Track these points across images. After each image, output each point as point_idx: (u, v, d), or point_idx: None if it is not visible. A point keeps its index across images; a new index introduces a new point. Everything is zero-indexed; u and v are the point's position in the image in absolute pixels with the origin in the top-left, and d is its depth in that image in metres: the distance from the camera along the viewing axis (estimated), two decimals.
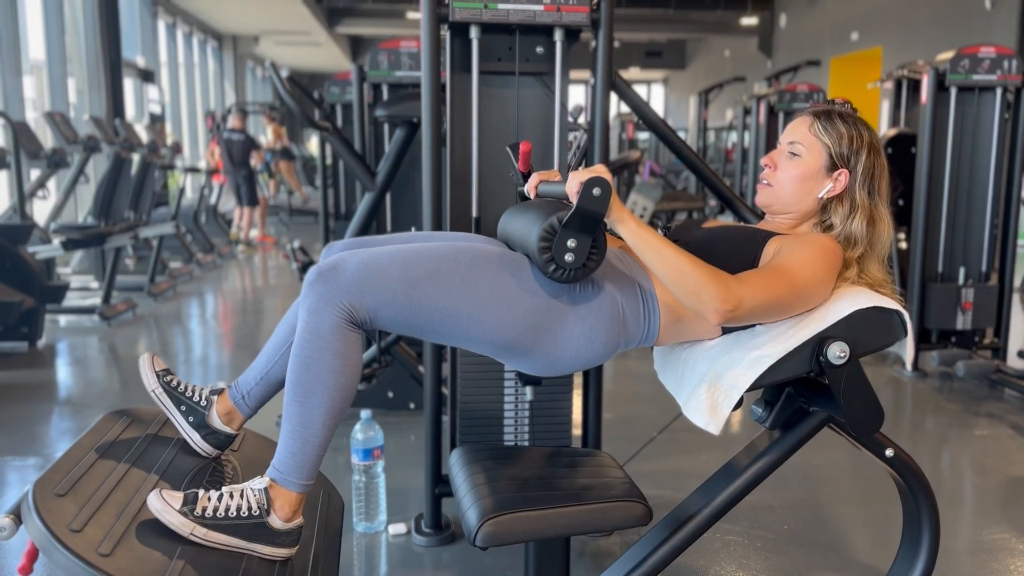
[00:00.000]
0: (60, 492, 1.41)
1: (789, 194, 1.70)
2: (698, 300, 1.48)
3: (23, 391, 4.07)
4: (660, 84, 25.35)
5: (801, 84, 6.24)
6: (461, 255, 1.56)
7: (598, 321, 1.58)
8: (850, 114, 1.70)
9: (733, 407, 1.60)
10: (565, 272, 1.51)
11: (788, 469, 3.06)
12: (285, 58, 20.03)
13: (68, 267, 7.47)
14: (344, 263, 1.50)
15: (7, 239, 4.78)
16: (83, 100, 9.55)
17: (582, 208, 1.45)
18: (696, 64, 22.25)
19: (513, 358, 1.59)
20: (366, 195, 3.31)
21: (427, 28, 2.30)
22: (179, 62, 14.22)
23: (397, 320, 1.51)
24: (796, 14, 15.95)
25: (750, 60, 17.59)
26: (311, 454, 1.51)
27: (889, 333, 1.58)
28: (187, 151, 14.10)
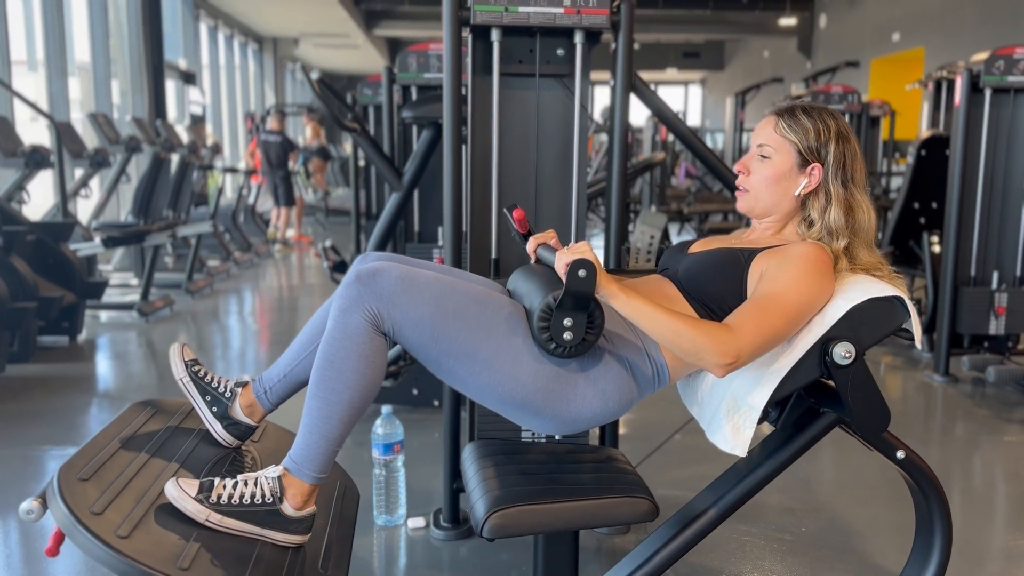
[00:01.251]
0: (84, 477, 1.47)
1: (766, 197, 1.71)
2: (699, 359, 1.51)
3: (63, 383, 4.19)
4: (698, 85, 25.19)
5: (835, 85, 6.18)
6: (490, 304, 1.59)
7: (609, 383, 1.61)
8: (814, 107, 1.71)
9: (760, 421, 1.63)
10: (566, 350, 1.55)
11: (811, 472, 3.07)
12: (324, 60, 20.27)
13: (110, 264, 7.66)
14: (385, 272, 1.53)
15: (49, 236, 4.93)
16: (126, 101, 9.78)
17: (570, 291, 1.49)
18: (735, 65, 22.07)
19: (522, 415, 1.61)
20: (393, 195, 3.37)
21: (449, 31, 2.34)
22: (220, 64, 14.47)
23: (416, 343, 1.55)
24: (836, 14, 15.74)
25: (789, 61, 17.40)
26: (327, 449, 1.55)
27: (891, 319, 1.58)
28: (227, 152, 14.35)
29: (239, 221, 9.22)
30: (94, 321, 5.78)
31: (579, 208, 2.48)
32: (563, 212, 2.49)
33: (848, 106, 6.02)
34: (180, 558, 1.36)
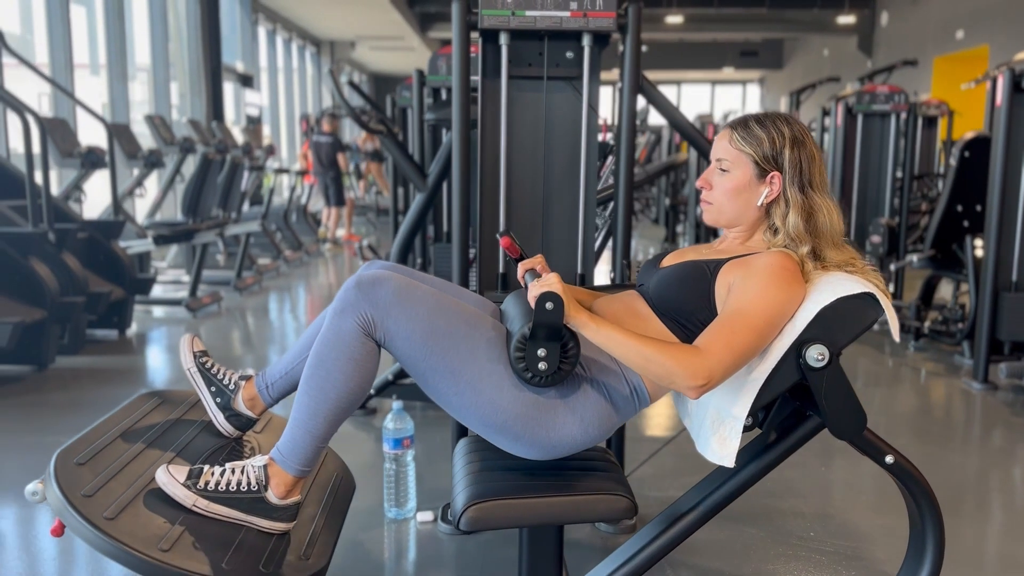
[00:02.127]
0: (80, 461, 1.56)
1: (730, 209, 1.72)
2: (670, 382, 1.53)
3: (109, 375, 4.37)
4: (756, 84, 24.82)
5: (880, 85, 6.05)
6: (478, 325, 1.63)
7: (588, 410, 1.64)
8: (767, 115, 1.71)
9: (750, 427, 1.64)
10: (542, 379, 1.58)
11: (826, 476, 3.03)
12: (380, 62, 20.55)
13: (164, 261, 7.92)
14: (385, 281, 1.59)
15: (100, 234, 5.13)
16: (185, 103, 10.09)
17: (539, 322, 1.52)
18: (793, 64, 21.68)
19: (501, 439, 1.65)
20: (417, 195, 3.43)
21: (457, 35, 2.39)
22: (279, 67, 14.80)
23: (405, 354, 1.60)
24: (898, 12, 15.36)
25: (849, 59, 17.04)
26: (312, 445, 1.61)
27: (864, 316, 1.57)
28: (284, 153, 14.68)
29: (291, 220, 9.44)
30: (146, 316, 6.00)
31: (587, 209, 2.50)
32: (572, 214, 2.52)
33: (894, 106, 5.88)
34: (163, 540, 1.43)
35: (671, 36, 19.51)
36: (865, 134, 6.04)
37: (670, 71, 22.71)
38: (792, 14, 16.70)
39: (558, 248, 2.54)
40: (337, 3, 13.44)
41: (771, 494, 2.85)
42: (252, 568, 1.48)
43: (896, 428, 3.70)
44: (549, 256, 2.53)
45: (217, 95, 10.47)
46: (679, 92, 24.34)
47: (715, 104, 23.91)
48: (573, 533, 2.55)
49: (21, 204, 4.52)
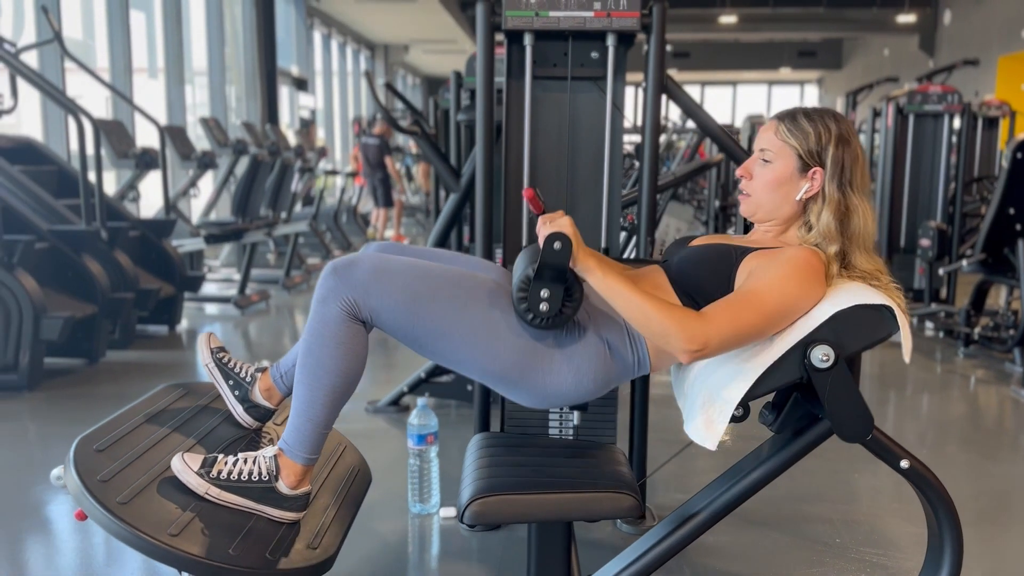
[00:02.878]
0: (100, 448, 1.62)
1: (768, 201, 1.70)
2: (665, 342, 1.53)
3: (157, 369, 4.51)
4: (814, 85, 24.37)
5: (934, 85, 5.89)
6: (464, 283, 1.65)
7: (585, 361, 1.64)
8: (815, 110, 1.68)
9: (736, 419, 1.62)
10: (542, 320, 1.59)
11: (858, 482, 2.97)
12: (433, 65, 20.73)
13: (217, 260, 8.13)
14: (359, 263, 1.62)
15: (152, 232, 5.29)
16: (241, 106, 10.33)
17: (545, 262, 1.53)
18: (853, 64, 21.24)
19: (501, 387, 1.67)
20: (451, 196, 3.47)
21: (482, 36, 2.42)
22: (333, 70, 15.05)
23: (395, 326, 1.63)
24: (962, 10, 14.93)
25: (910, 59, 16.62)
26: (314, 432, 1.65)
27: (878, 328, 1.54)
28: (338, 155, 14.91)
29: (341, 221, 9.59)
30: (198, 313, 6.17)
31: (611, 210, 2.50)
32: (597, 214, 2.52)
33: (947, 107, 5.73)
34: (172, 525, 1.48)
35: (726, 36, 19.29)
36: (917, 135, 5.90)
37: (725, 71, 22.45)
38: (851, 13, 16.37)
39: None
40: (391, 7, 13.61)
41: (799, 499, 2.81)
42: (259, 555, 1.52)
43: (942, 436, 3.61)
44: None
45: (272, 98, 10.70)
46: (735, 93, 24.05)
47: (771, 105, 23.56)
48: (593, 533, 2.55)
49: (77, 203, 4.68)
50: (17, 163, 4.83)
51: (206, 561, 1.44)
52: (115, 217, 5.03)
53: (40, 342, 3.91)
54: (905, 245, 5.95)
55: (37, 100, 6.58)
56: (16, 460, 3.15)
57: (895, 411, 4.02)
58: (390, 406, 3.70)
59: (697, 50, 21.10)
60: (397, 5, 13.43)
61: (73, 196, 4.87)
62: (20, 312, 3.84)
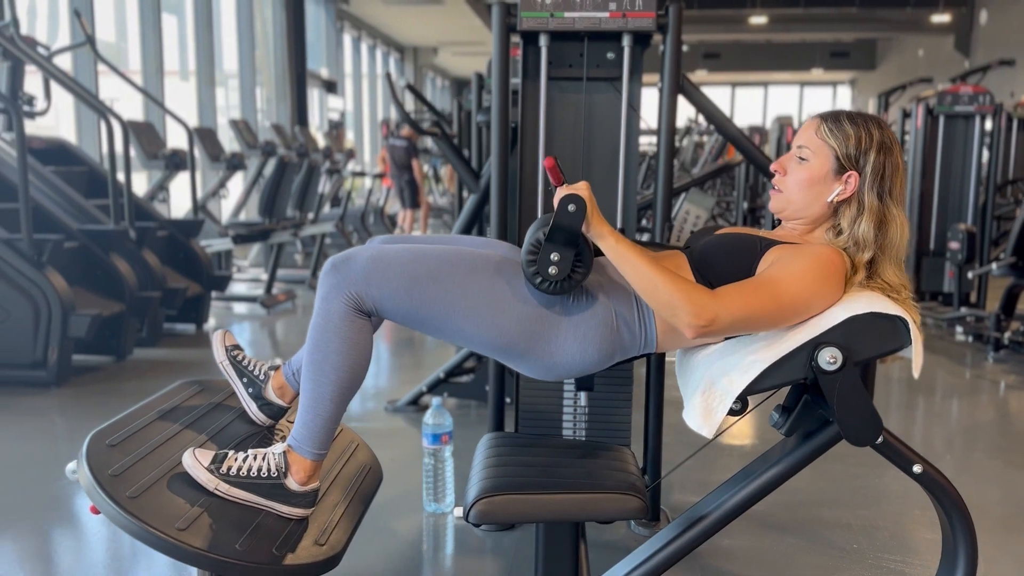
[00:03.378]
0: (112, 443, 1.64)
1: (799, 199, 1.68)
2: (672, 314, 1.52)
3: (183, 367, 4.57)
4: (846, 86, 24.08)
5: (965, 85, 5.80)
6: (461, 259, 1.65)
7: (591, 329, 1.63)
8: (860, 114, 1.66)
9: (734, 412, 1.60)
10: (551, 284, 1.58)
11: (879, 488, 2.93)
12: (462, 67, 20.80)
13: (246, 260, 8.22)
14: (355, 256, 1.64)
15: (180, 232, 5.37)
16: (271, 108, 10.44)
17: (558, 223, 1.52)
18: (887, 64, 20.96)
19: (509, 360, 1.68)
20: (471, 196, 3.48)
21: (497, 37, 2.43)
22: (363, 72, 15.16)
23: (400, 312, 1.64)
24: (999, 10, 14.67)
25: (946, 60, 16.36)
26: (322, 427, 1.67)
27: (890, 339, 1.52)
28: (367, 157, 15.02)
29: (368, 222, 9.65)
30: (226, 312, 6.25)
31: (627, 210, 2.49)
32: (611, 214, 2.51)
33: (979, 108, 5.63)
34: (180, 520, 1.50)
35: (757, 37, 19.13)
36: (947, 136, 5.81)
37: (756, 72, 22.26)
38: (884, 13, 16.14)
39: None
40: (420, 10, 13.70)
41: (818, 503, 2.78)
42: (266, 550, 1.54)
43: (969, 442, 3.56)
44: None
45: (301, 100, 10.80)
46: (766, 94, 23.84)
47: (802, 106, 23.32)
48: (607, 535, 2.55)
49: (107, 203, 4.76)
50: (49, 164, 4.93)
51: (212, 556, 1.46)
52: (144, 217, 5.11)
53: (68, 339, 3.99)
54: (935, 248, 5.86)
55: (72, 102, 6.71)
56: (43, 454, 3.22)
57: (923, 416, 3.96)
58: (409, 405, 3.72)
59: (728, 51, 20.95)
60: (426, 8, 13.50)
61: (104, 196, 4.95)
62: (49, 309, 3.92)
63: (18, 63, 4.45)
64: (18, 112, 3.96)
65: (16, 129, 3.90)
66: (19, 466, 3.09)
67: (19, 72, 4.57)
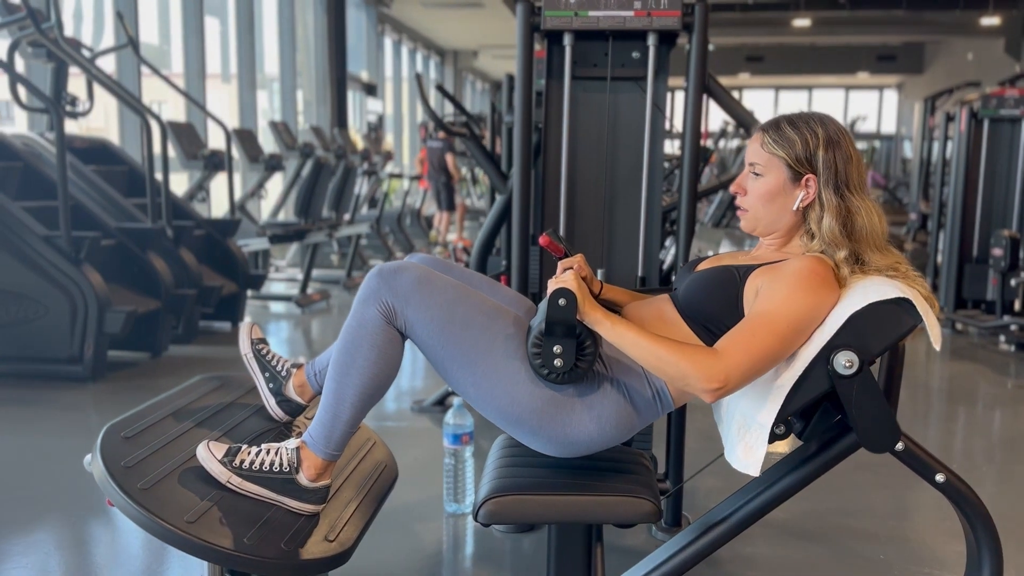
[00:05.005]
0: (128, 435, 1.67)
1: (765, 215, 1.66)
2: (685, 384, 1.50)
3: (218, 363, 4.63)
4: (893, 90, 23.64)
5: (1011, 89, 5.65)
6: (499, 317, 1.64)
7: (605, 408, 1.62)
8: (800, 116, 1.64)
9: (779, 436, 1.59)
10: (558, 376, 1.57)
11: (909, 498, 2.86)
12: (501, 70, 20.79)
13: (284, 260, 8.32)
14: (405, 271, 1.64)
15: (217, 232, 5.44)
16: (311, 111, 10.56)
17: (551, 319, 1.52)
18: (935, 68, 20.53)
19: (522, 434, 1.65)
20: (498, 197, 3.48)
21: (521, 36, 2.42)
22: (403, 76, 15.26)
23: (425, 342, 1.63)
24: None
25: (996, 63, 15.96)
26: (339, 428, 1.67)
27: (898, 323, 1.48)
28: (405, 159, 15.11)
29: (404, 224, 9.71)
30: (262, 311, 6.32)
31: (650, 212, 2.47)
32: (636, 216, 2.49)
33: None
34: (190, 512, 1.51)
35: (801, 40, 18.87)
36: (992, 141, 5.67)
37: (800, 76, 21.95)
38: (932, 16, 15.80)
39: (621, 250, 2.52)
40: (460, 13, 13.75)
41: (845, 513, 2.72)
42: (275, 545, 1.55)
43: (1012, 453, 3.46)
44: (611, 258, 2.52)
45: (341, 103, 10.90)
46: (810, 97, 23.51)
47: (847, 110, 22.94)
48: (626, 539, 2.52)
49: (145, 202, 4.85)
50: (91, 163, 5.04)
51: (220, 549, 1.47)
52: (181, 216, 5.20)
53: (104, 335, 4.06)
54: (977, 255, 5.72)
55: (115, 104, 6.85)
56: (78, 448, 3.27)
57: (964, 427, 3.86)
58: (435, 406, 3.72)
59: (771, 54, 20.69)
60: (466, 11, 13.55)
61: (143, 196, 5.05)
62: (85, 305, 4.00)
63: (62, 65, 4.56)
64: (59, 112, 4.05)
65: (56, 129, 3.99)
66: (53, 458, 3.16)
67: (63, 73, 4.69)
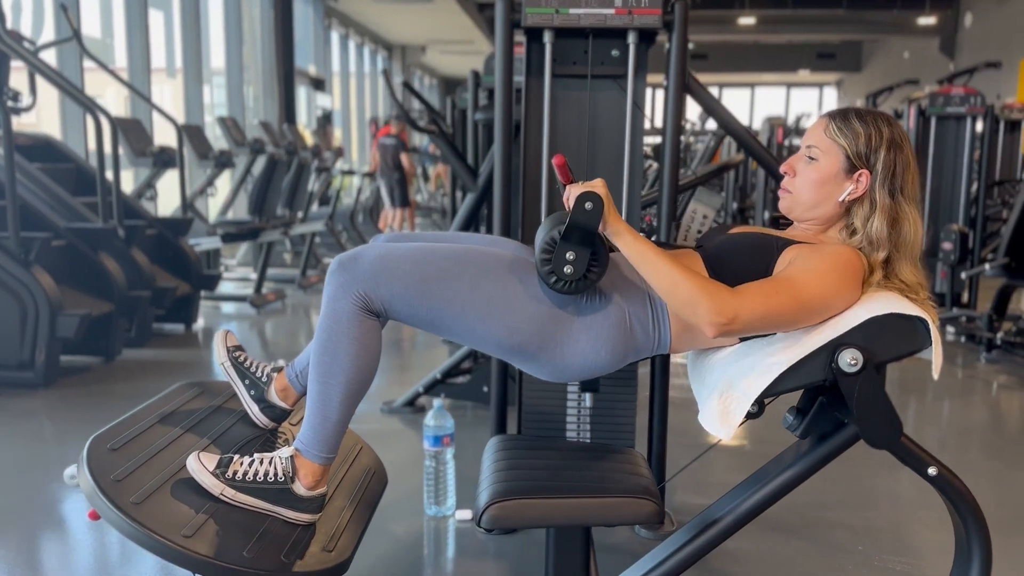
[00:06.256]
0: (114, 447, 1.60)
1: (809, 200, 1.65)
2: (692, 312, 1.49)
3: (173, 367, 4.51)
4: (832, 87, 24.20)
5: (957, 87, 5.82)
6: (472, 258, 1.62)
7: (603, 330, 1.60)
8: (869, 111, 1.63)
9: (751, 415, 1.58)
10: (565, 283, 1.55)
11: (881, 489, 2.92)
12: (449, 66, 20.74)
13: (234, 259, 8.14)
14: (362, 255, 1.60)
15: (169, 231, 5.30)
16: (258, 106, 10.35)
17: (574, 222, 1.49)
18: (872, 66, 21.08)
19: (520, 361, 1.64)
20: (468, 195, 3.44)
21: (501, 33, 2.39)
22: (350, 71, 15.07)
23: (409, 313, 1.60)
24: (983, 12, 14.78)
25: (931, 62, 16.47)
26: (330, 430, 1.63)
27: (910, 340, 1.50)
28: (355, 155, 14.93)
29: (357, 221, 9.58)
30: (214, 312, 6.17)
31: (631, 209, 2.47)
32: None
33: (970, 109, 5.66)
34: (186, 527, 1.46)
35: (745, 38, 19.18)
36: (939, 138, 5.83)
37: (743, 73, 22.32)
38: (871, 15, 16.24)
39: None
40: (408, 8, 13.63)
41: (820, 505, 2.77)
42: (274, 558, 1.50)
43: (963, 442, 3.56)
44: None
45: (289, 98, 10.71)
46: (752, 95, 23.91)
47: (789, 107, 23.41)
48: (610, 537, 2.52)
49: (94, 201, 4.69)
50: (35, 161, 4.84)
51: (220, 563, 1.42)
52: (132, 215, 5.04)
53: (56, 339, 3.92)
54: (927, 248, 5.88)
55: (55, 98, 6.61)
56: (32, 458, 3.15)
57: (916, 417, 3.96)
58: (405, 407, 3.68)
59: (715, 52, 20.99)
60: (414, 6, 13.44)
61: (91, 194, 4.87)
62: (36, 309, 3.85)
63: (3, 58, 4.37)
64: (4, 108, 3.89)
65: (3, 125, 3.83)
66: (6, 470, 3.02)
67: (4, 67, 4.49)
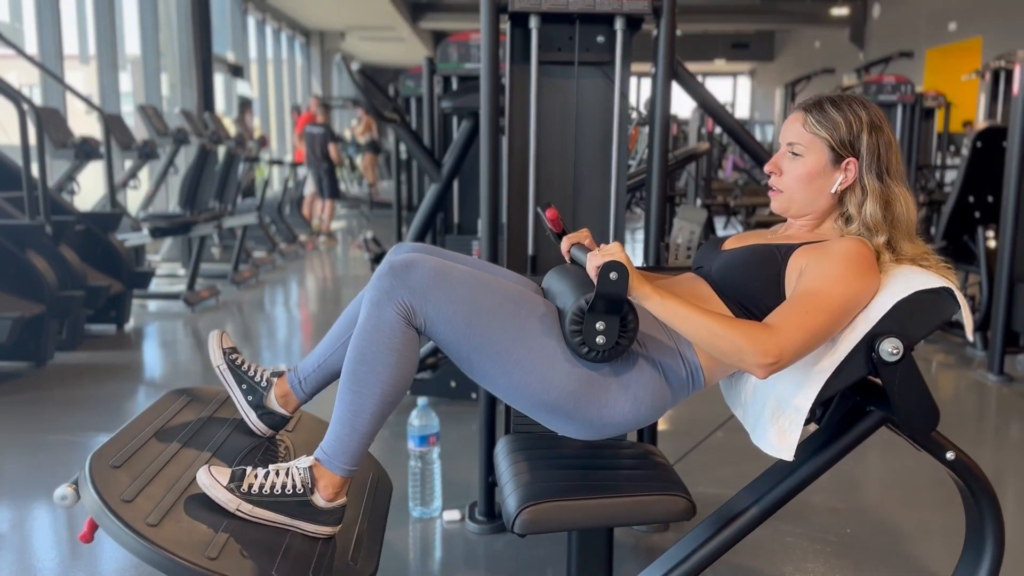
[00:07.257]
0: (115, 464, 1.47)
1: (802, 196, 1.64)
2: (739, 360, 1.46)
3: (109, 371, 4.27)
4: (746, 76, 24.82)
5: (888, 76, 6.01)
6: (525, 303, 1.56)
7: (641, 387, 1.57)
8: (842, 97, 1.63)
9: (814, 420, 1.57)
10: (598, 353, 1.51)
11: (858, 472, 2.98)
12: (370, 53, 20.38)
13: (158, 254, 7.79)
14: (419, 264, 1.51)
15: (97, 226, 5.01)
16: (176, 94, 9.92)
17: (601, 293, 1.45)
18: (785, 56, 21.69)
19: (555, 420, 1.57)
20: (432, 186, 3.35)
21: (486, 18, 2.31)
22: (268, 57, 14.63)
23: (448, 339, 1.52)
24: (890, 4, 15.37)
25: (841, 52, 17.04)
26: (358, 442, 1.53)
27: (940, 311, 1.51)
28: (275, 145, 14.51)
29: (284, 213, 9.31)
30: (142, 310, 5.89)
31: (618, 199, 2.43)
32: (602, 204, 2.45)
33: (901, 96, 5.85)
34: (209, 547, 1.35)
35: None
36: None
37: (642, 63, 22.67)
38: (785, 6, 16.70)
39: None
40: None
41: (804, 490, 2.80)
42: (303, 574, 1.41)
43: None
44: None
45: (208, 86, 10.29)
46: None
47: None
48: None
49: (17, 196, 4.39)
50: None
51: None
52: (58, 211, 4.74)
53: None
54: None
55: None
56: None
57: None
58: None
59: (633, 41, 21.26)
60: None
61: (11, 188, 4.57)
62: None
63: None
64: None
65: None
66: None
67: None
